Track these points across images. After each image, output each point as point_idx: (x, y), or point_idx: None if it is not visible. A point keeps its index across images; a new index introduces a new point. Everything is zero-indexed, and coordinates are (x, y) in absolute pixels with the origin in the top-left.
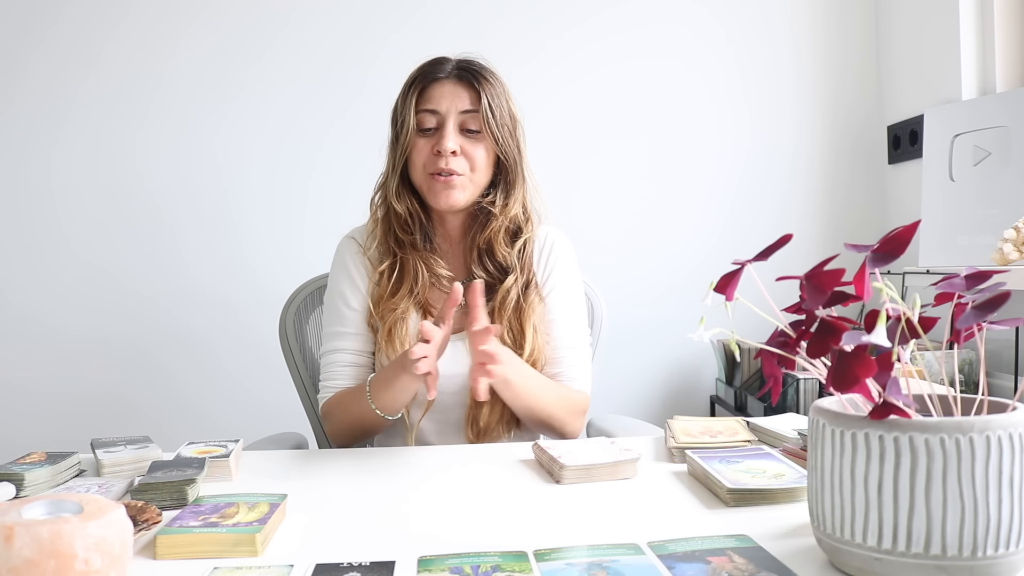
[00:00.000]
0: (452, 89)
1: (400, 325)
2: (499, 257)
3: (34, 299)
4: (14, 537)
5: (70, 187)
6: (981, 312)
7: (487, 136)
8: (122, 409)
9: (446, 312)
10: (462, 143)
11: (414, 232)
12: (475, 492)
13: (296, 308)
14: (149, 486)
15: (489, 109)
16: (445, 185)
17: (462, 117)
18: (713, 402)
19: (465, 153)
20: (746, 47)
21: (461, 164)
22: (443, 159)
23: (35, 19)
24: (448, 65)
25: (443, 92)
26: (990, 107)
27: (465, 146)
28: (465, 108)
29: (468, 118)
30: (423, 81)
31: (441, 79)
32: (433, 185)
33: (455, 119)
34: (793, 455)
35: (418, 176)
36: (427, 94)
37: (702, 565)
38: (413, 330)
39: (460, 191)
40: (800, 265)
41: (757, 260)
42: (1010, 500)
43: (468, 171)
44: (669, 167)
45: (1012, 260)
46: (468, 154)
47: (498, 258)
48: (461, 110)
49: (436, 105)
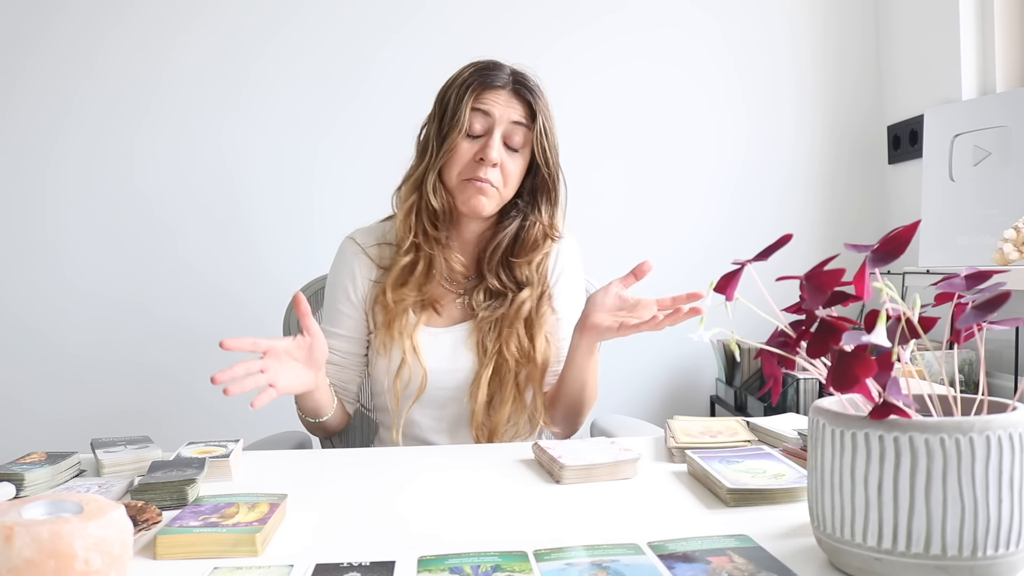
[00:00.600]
0: (507, 99)
1: (402, 317)
2: (518, 273)
3: (34, 297)
4: (14, 537)
5: (70, 186)
6: (981, 312)
7: (536, 154)
8: (125, 409)
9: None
10: (503, 155)
11: (444, 228)
12: (475, 492)
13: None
14: (149, 486)
15: (543, 130)
16: (477, 191)
17: (510, 128)
18: (713, 402)
19: (503, 166)
20: (746, 47)
21: (497, 176)
22: (484, 168)
23: (34, 19)
24: (505, 73)
25: (498, 99)
26: (990, 107)
27: (505, 159)
28: (516, 119)
29: (515, 130)
30: (481, 85)
31: (498, 87)
32: (466, 188)
33: (503, 128)
34: (793, 455)
35: (453, 179)
36: (482, 98)
37: (702, 565)
38: (411, 323)
39: (489, 200)
40: (800, 265)
41: (757, 260)
42: (1010, 500)
43: (502, 184)
44: (669, 167)
45: (1012, 260)
46: (505, 167)
47: (516, 273)
48: (512, 120)
49: (489, 110)
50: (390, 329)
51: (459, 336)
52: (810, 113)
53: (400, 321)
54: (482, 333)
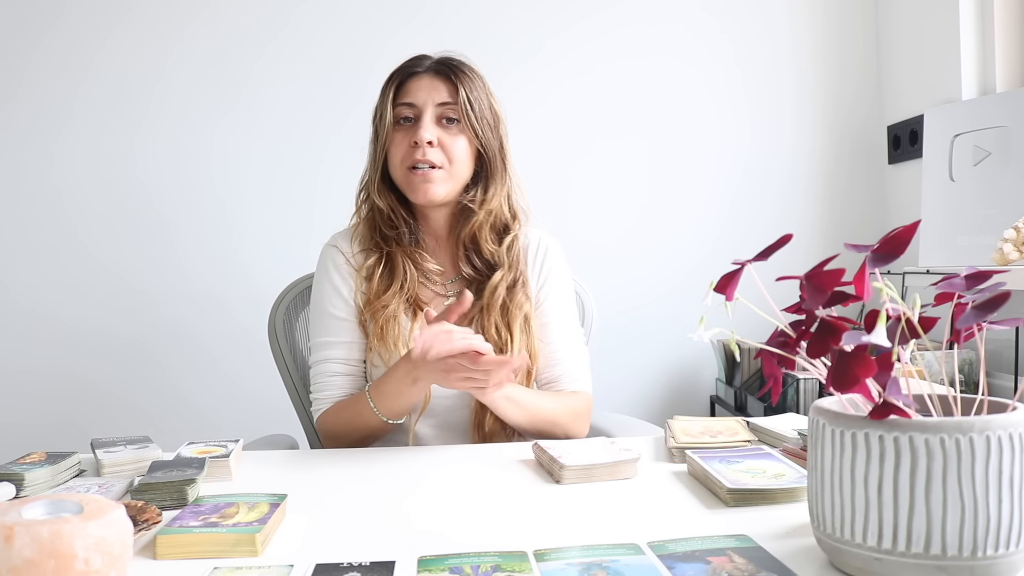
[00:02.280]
0: (429, 82)
1: (392, 324)
2: (485, 254)
3: (34, 294)
4: (14, 537)
5: (70, 185)
6: (981, 312)
7: (466, 128)
8: (115, 401)
9: (449, 317)
10: (440, 134)
11: (399, 227)
12: (475, 492)
13: (285, 308)
14: (149, 486)
15: (468, 101)
16: (423, 179)
17: (440, 109)
18: (713, 402)
19: (442, 145)
20: (746, 47)
21: (438, 156)
22: (420, 150)
23: (35, 18)
24: (426, 61)
25: (420, 85)
26: (990, 107)
27: (443, 137)
28: (443, 100)
29: (446, 110)
30: (400, 76)
31: (419, 73)
32: (411, 179)
33: (432, 111)
34: (793, 455)
35: (397, 171)
36: (404, 88)
37: (702, 565)
38: (405, 329)
39: (438, 184)
40: (800, 265)
41: (757, 260)
42: (1010, 500)
43: (446, 163)
44: (669, 167)
45: (1012, 260)
46: (445, 146)
47: (484, 255)
48: (438, 102)
49: (413, 98)
50: (384, 339)
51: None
52: (810, 113)
53: (392, 330)
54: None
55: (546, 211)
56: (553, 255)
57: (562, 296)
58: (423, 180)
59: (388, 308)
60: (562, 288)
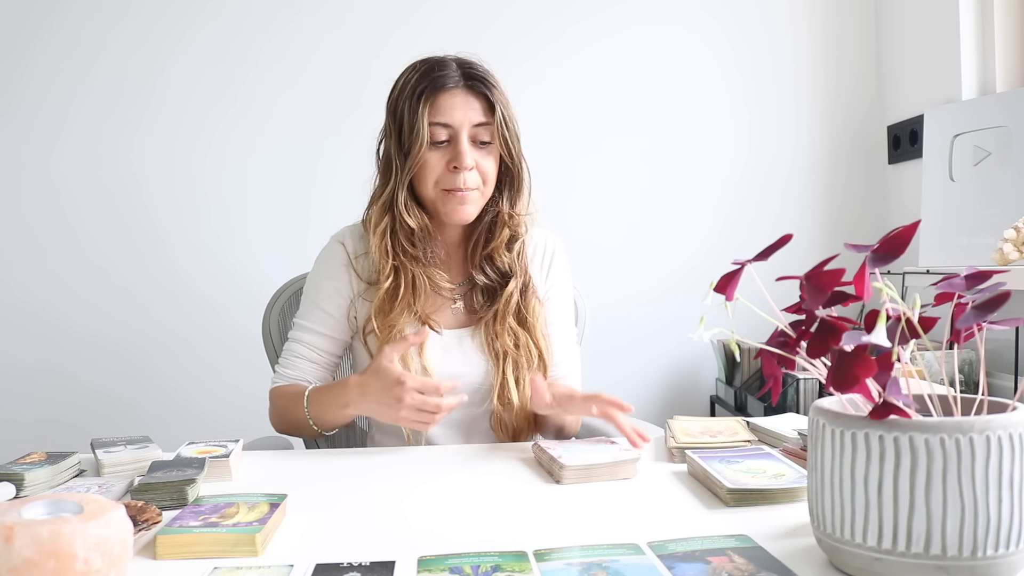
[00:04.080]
0: (464, 100)
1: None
2: (499, 263)
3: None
4: (14, 537)
5: (70, 186)
6: (981, 312)
7: (499, 147)
8: (115, 402)
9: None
10: (475, 156)
11: (422, 245)
12: (475, 492)
13: (280, 308)
14: (149, 486)
15: (504, 121)
16: (460, 201)
17: (475, 131)
18: (713, 402)
19: (478, 166)
20: (746, 47)
21: (475, 178)
22: (460, 176)
23: (35, 19)
24: (453, 71)
25: (455, 103)
26: (990, 107)
27: (478, 160)
28: (479, 121)
29: (480, 131)
30: (432, 91)
31: (451, 88)
32: (448, 200)
33: (468, 132)
34: (793, 455)
35: (429, 191)
36: (438, 105)
37: (702, 565)
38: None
39: (473, 205)
40: (800, 265)
41: (757, 260)
42: (1010, 500)
43: (481, 185)
44: (669, 167)
45: (1012, 260)
46: (480, 168)
47: (498, 264)
48: (475, 123)
49: (448, 118)
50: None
51: (462, 342)
52: (810, 113)
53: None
54: (488, 334)
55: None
56: (560, 257)
57: (564, 297)
58: (460, 203)
59: (397, 326)
60: (565, 290)
